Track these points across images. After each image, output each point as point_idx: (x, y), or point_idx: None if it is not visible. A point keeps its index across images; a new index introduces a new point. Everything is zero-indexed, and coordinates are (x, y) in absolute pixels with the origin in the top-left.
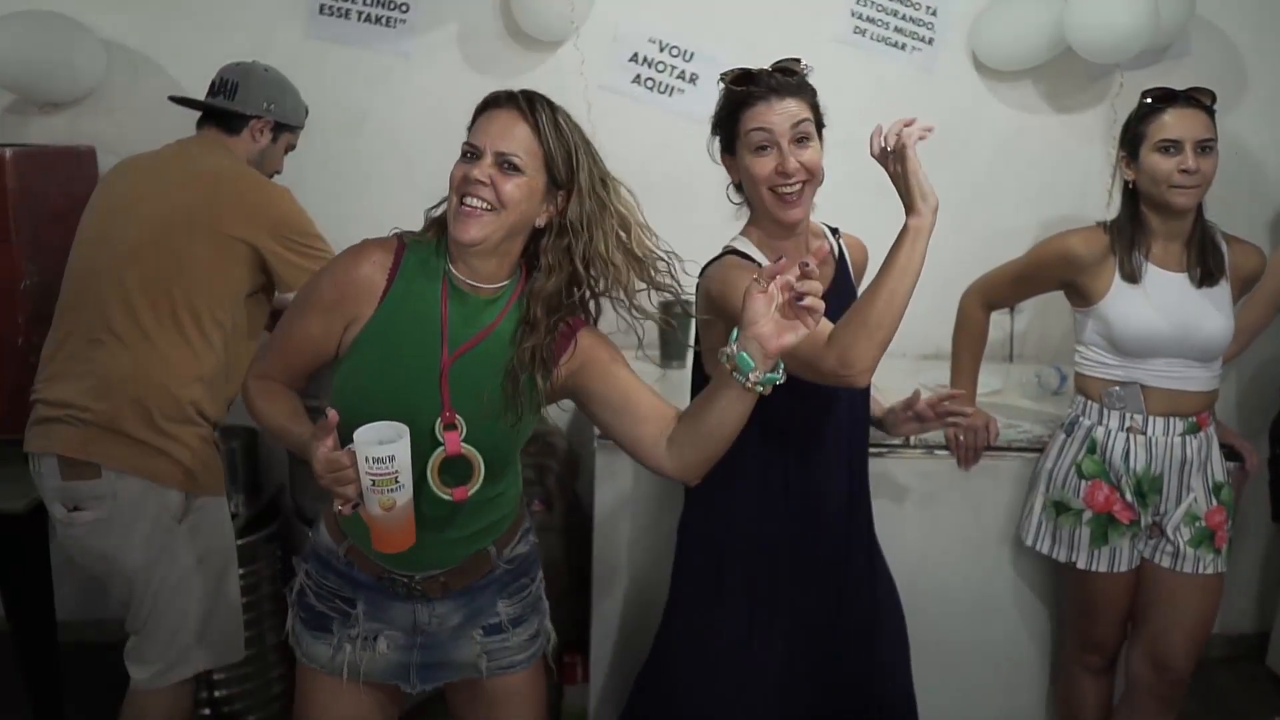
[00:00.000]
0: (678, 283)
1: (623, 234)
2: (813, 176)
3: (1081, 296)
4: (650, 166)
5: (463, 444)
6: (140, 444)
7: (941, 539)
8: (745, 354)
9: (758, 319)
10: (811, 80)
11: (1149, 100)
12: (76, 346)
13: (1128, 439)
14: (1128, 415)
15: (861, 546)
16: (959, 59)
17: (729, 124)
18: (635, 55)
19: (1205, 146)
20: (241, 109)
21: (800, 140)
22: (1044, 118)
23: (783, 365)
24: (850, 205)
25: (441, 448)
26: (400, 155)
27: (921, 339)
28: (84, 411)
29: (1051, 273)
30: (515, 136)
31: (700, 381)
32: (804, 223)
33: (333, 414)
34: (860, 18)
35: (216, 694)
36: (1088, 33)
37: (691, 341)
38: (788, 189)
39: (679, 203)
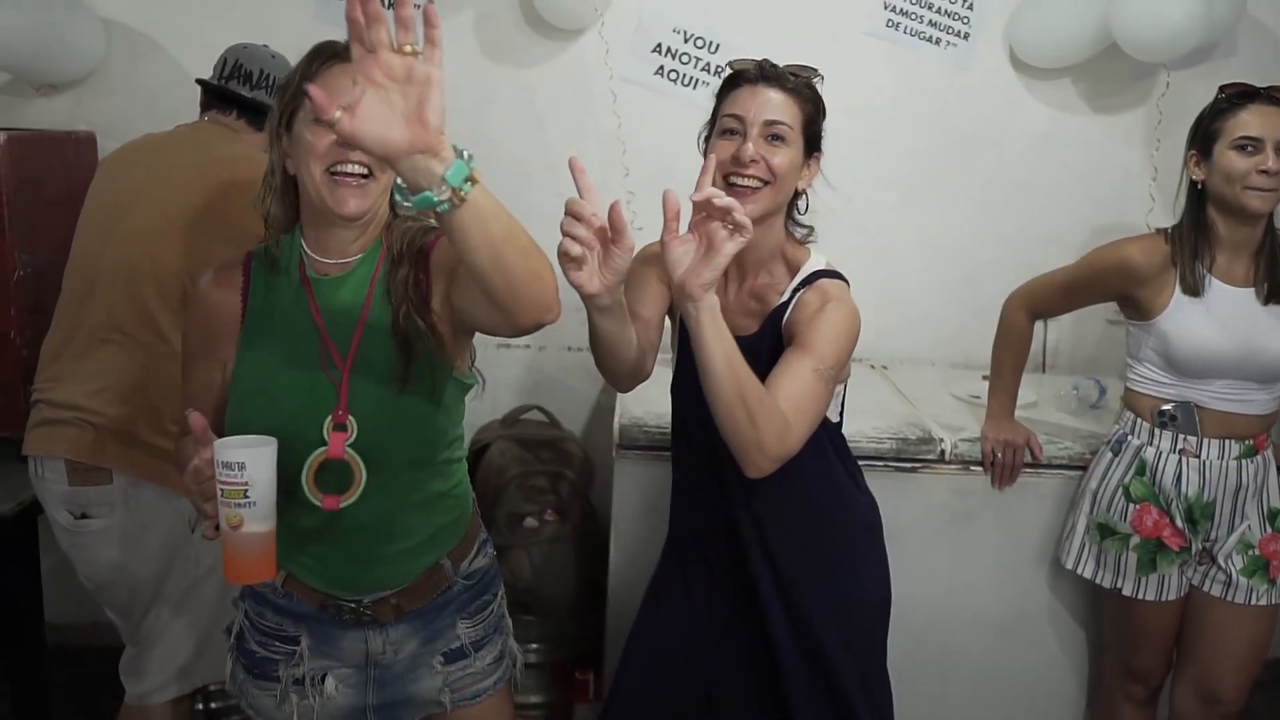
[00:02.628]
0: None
1: None
2: (774, 180)
3: (1138, 310)
4: (672, 162)
5: (347, 449)
6: (154, 449)
7: (975, 559)
8: (426, 190)
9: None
10: (824, 92)
11: (1226, 96)
12: (83, 345)
13: (1180, 462)
14: (1181, 437)
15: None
16: (995, 55)
17: (715, 110)
18: (659, 46)
19: None
20: None
21: (773, 139)
22: (1083, 118)
23: (467, 155)
24: (878, 204)
25: (324, 449)
26: None
27: (951, 346)
28: (94, 415)
29: (1107, 284)
30: None
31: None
32: (762, 236)
33: (196, 417)
34: (894, 10)
35: (213, 705)
36: (1136, 28)
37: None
38: (740, 181)
39: None
